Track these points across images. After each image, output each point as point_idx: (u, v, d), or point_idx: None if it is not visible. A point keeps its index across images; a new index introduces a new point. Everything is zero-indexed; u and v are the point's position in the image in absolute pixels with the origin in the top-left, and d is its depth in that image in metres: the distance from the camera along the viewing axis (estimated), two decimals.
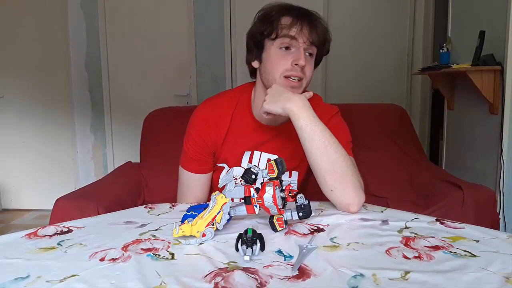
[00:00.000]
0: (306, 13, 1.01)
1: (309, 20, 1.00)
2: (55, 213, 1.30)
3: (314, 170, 0.95)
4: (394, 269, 0.61)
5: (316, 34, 0.99)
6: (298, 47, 0.99)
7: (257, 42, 1.04)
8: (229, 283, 0.57)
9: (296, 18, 0.99)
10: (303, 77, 1.00)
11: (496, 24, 1.96)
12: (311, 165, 0.95)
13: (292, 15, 1.00)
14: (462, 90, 2.39)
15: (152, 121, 2.04)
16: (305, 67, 1.00)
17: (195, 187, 1.13)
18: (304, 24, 0.99)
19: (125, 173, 1.87)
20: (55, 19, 3.19)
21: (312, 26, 0.99)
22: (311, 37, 0.99)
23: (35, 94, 3.28)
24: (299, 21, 0.99)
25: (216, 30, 3.16)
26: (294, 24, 0.98)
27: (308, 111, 0.94)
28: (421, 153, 2.04)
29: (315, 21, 1.01)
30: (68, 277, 0.60)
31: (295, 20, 0.99)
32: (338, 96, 3.01)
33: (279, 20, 1.00)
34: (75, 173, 3.37)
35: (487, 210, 1.43)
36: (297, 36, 0.98)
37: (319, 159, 0.92)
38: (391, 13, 3.11)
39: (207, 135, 1.09)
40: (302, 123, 0.93)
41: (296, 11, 1.01)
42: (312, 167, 0.95)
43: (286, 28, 0.99)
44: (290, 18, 0.99)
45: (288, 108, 0.94)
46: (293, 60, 0.99)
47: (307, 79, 1.02)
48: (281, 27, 0.99)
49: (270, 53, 1.02)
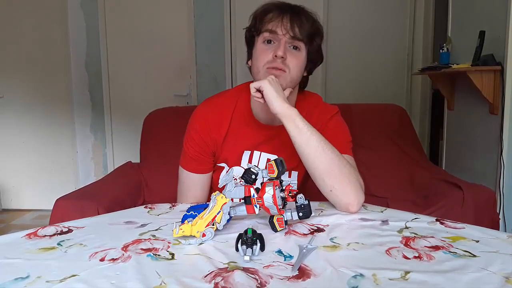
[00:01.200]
0: (290, 8, 1.02)
1: (292, 14, 1.00)
2: (55, 213, 1.30)
3: (312, 173, 0.94)
4: (394, 269, 0.61)
5: (298, 27, 0.99)
6: (279, 40, 0.99)
7: (248, 40, 1.07)
8: (229, 283, 0.57)
9: (279, 12, 1.00)
10: (286, 70, 0.99)
11: (496, 24, 1.96)
12: (308, 169, 0.95)
13: (275, 10, 1.01)
14: (462, 90, 2.39)
15: (152, 121, 2.04)
16: (287, 60, 0.99)
17: (195, 187, 1.12)
18: (286, 17, 0.99)
19: (125, 173, 1.87)
20: (55, 19, 3.19)
21: (295, 19, 0.99)
22: (292, 29, 0.98)
23: (35, 94, 3.28)
24: (280, 15, 0.99)
25: (216, 30, 3.16)
26: (276, 17, 0.99)
27: (299, 115, 0.94)
28: (421, 153, 2.04)
29: (299, 14, 1.00)
30: (68, 277, 0.60)
31: (277, 14, 1.00)
32: (338, 96, 3.01)
33: (264, 16, 1.01)
34: (75, 173, 3.37)
35: (487, 210, 1.43)
36: (276, 29, 0.99)
37: (317, 161, 0.92)
38: (391, 13, 3.12)
39: (207, 135, 1.09)
40: (299, 124, 0.93)
41: (280, 6, 1.02)
42: (309, 170, 0.95)
43: (267, 22, 1.00)
44: (272, 13, 1.00)
45: (286, 108, 0.93)
46: (273, 52, 0.99)
47: (291, 73, 1.00)
48: (264, 22, 1.00)
49: (256, 49, 1.03)
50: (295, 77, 1.02)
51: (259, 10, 1.04)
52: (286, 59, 0.99)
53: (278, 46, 0.98)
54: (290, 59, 0.99)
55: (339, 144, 1.01)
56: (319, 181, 0.93)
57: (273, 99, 0.93)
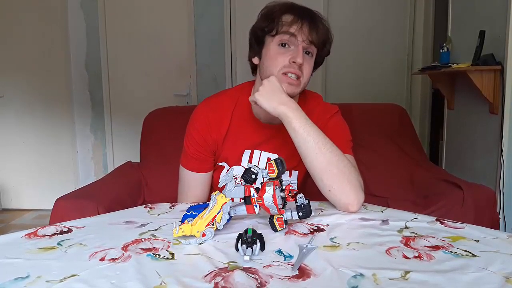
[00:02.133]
0: (308, 13, 1.02)
1: (310, 20, 1.00)
2: (55, 213, 1.30)
3: (311, 171, 0.95)
4: (394, 269, 0.61)
5: (316, 33, 0.99)
6: (297, 45, 0.99)
7: (258, 38, 1.05)
8: (229, 283, 0.57)
9: (298, 16, 1.00)
10: (300, 75, 1.01)
11: (496, 24, 1.96)
12: (308, 167, 0.95)
13: (294, 13, 1.00)
14: (462, 90, 2.39)
15: (152, 121, 2.04)
16: (302, 66, 1.00)
17: (195, 186, 1.13)
18: (305, 22, 0.99)
19: (125, 173, 1.87)
20: (55, 19, 3.19)
21: (313, 26, 1.00)
22: (310, 36, 0.99)
23: (35, 94, 3.28)
24: (300, 19, 0.99)
25: (216, 30, 3.16)
26: (295, 22, 0.99)
27: (301, 113, 0.95)
28: (421, 153, 2.04)
29: (316, 21, 1.01)
30: (68, 277, 0.60)
31: (296, 18, 0.99)
32: (338, 96, 3.01)
33: (280, 17, 1.00)
34: (75, 173, 3.37)
35: (487, 210, 1.43)
36: (297, 34, 0.99)
37: (315, 160, 0.92)
38: (391, 13, 3.12)
39: (207, 134, 1.09)
40: (295, 125, 0.93)
41: (298, 9, 1.02)
42: (308, 169, 0.96)
43: (286, 25, 0.99)
44: (292, 16, 1.00)
45: (281, 111, 0.94)
46: (291, 57, 0.99)
47: (304, 78, 1.02)
48: (282, 24, 1.00)
49: (269, 49, 1.02)
50: (307, 82, 1.04)
51: (273, 9, 1.03)
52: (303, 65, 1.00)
53: (296, 52, 0.98)
54: (304, 66, 1.00)
55: (339, 143, 1.01)
56: (318, 181, 0.94)
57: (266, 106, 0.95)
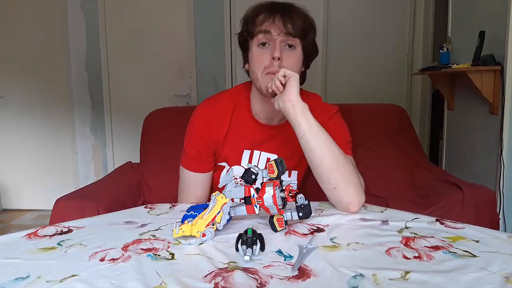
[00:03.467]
0: (279, 6, 1.01)
1: (282, 12, 0.99)
2: (55, 213, 1.30)
3: (318, 168, 0.93)
4: (394, 269, 0.61)
5: (291, 24, 0.98)
6: (274, 40, 0.98)
7: (242, 45, 1.06)
8: (229, 283, 0.57)
9: (269, 12, 0.99)
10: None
11: (496, 24, 1.96)
12: (314, 165, 0.93)
13: (266, 11, 1.00)
14: (462, 90, 2.39)
15: (152, 121, 2.03)
16: (283, 62, 0.98)
17: (195, 186, 1.13)
18: (277, 16, 0.98)
19: (125, 173, 1.87)
20: (55, 19, 3.19)
21: (286, 17, 0.98)
22: (285, 28, 0.97)
23: (35, 94, 3.28)
24: (271, 14, 0.98)
25: (216, 30, 3.16)
26: (267, 18, 0.99)
27: (308, 111, 0.94)
28: (421, 153, 2.03)
29: (289, 11, 0.99)
30: (68, 277, 0.60)
31: (268, 15, 0.99)
32: (338, 96, 3.01)
33: (255, 19, 1.01)
34: (75, 173, 3.37)
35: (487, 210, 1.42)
36: (270, 29, 0.98)
37: (325, 157, 0.91)
38: (391, 13, 3.12)
39: (207, 134, 1.09)
40: (310, 118, 0.92)
41: (270, 6, 1.01)
42: (315, 167, 0.94)
43: (259, 24, 0.99)
44: (264, 14, 1.00)
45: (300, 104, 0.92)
46: (270, 54, 0.98)
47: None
48: (256, 25, 1.00)
49: (252, 53, 1.02)
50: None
51: (249, 13, 1.03)
52: (283, 61, 0.98)
53: (274, 47, 0.97)
54: (286, 60, 0.98)
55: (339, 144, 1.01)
56: (324, 179, 0.92)
57: (295, 90, 0.92)
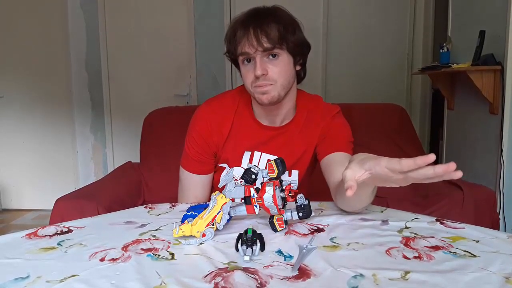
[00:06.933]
0: (253, 17, 0.98)
1: (255, 24, 0.96)
2: (55, 213, 1.30)
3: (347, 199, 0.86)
4: (394, 269, 0.61)
5: (266, 36, 0.94)
6: (254, 57, 0.97)
7: (232, 62, 1.06)
8: (229, 283, 0.57)
9: (244, 29, 0.97)
10: (271, 83, 0.97)
11: (496, 24, 1.96)
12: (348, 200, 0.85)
13: (241, 27, 0.98)
14: (462, 90, 2.39)
15: (152, 121, 2.03)
16: (269, 74, 0.96)
17: (196, 187, 1.12)
18: (249, 33, 0.95)
19: (125, 173, 1.87)
20: (55, 19, 3.19)
21: (259, 31, 0.95)
22: (259, 44, 0.94)
23: (35, 94, 3.28)
24: (245, 32, 0.96)
25: (216, 30, 3.15)
26: (242, 36, 0.97)
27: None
28: (421, 153, 2.03)
29: (262, 21, 0.96)
30: (68, 277, 0.60)
31: (242, 32, 0.97)
32: (338, 96, 3.01)
33: (234, 37, 0.99)
34: (75, 173, 3.37)
35: (487, 210, 1.43)
36: (247, 50, 0.96)
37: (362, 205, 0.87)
38: (391, 13, 3.11)
39: (208, 137, 1.09)
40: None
41: (245, 20, 0.99)
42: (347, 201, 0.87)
43: (238, 43, 0.98)
44: (239, 31, 0.98)
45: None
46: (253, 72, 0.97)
47: (278, 82, 0.98)
48: (236, 44, 0.99)
49: (241, 69, 1.03)
50: (285, 83, 1.00)
51: (228, 31, 1.01)
52: (268, 73, 0.96)
53: (255, 65, 0.96)
54: (272, 72, 0.97)
55: (341, 144, 1.01)
56: (347, 208, 0.89)
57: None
